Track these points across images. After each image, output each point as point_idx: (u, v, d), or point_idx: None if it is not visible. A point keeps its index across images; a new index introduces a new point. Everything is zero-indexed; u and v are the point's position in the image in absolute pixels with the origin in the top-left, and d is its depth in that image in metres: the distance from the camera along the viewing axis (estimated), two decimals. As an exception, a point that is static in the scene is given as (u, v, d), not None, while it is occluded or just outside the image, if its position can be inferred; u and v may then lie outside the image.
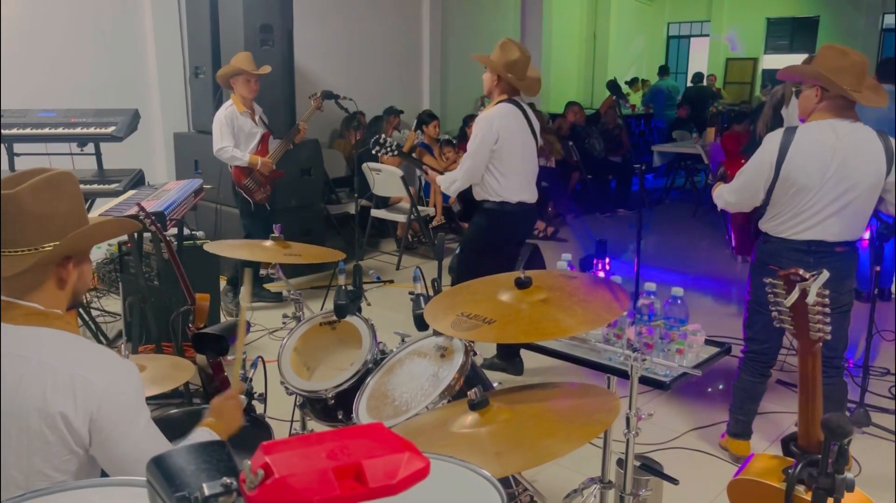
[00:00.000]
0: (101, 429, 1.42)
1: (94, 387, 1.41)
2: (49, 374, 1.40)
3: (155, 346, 3.48)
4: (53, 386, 1.39)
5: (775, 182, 2.80)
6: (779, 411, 3.58)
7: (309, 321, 2.58)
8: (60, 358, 1.42)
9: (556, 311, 1.71)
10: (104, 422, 1.42)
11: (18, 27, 5.20)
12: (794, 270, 1.64)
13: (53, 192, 1.47)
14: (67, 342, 1.47)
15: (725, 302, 5.50)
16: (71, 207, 1.50)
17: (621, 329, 2.18)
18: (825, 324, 1.64)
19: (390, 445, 0.83)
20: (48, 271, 1.48)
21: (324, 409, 2.32)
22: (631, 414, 1.92)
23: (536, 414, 1.59)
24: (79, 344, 1.49)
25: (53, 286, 1.50)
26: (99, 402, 1.41)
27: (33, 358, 1.41)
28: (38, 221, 1.45)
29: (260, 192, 4.92)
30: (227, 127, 4.75)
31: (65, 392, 1.39)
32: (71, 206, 1.50)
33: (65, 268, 1.50)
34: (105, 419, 1.42)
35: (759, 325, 3.00)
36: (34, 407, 1.38)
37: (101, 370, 1.44)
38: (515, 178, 3.70)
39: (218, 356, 2.20)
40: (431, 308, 1.88)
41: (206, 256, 2.91)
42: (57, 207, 1.47)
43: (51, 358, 1.42)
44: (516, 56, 3.60)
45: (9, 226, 1.43)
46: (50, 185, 1.47)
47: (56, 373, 1.40)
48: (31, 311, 1.47)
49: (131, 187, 4.07)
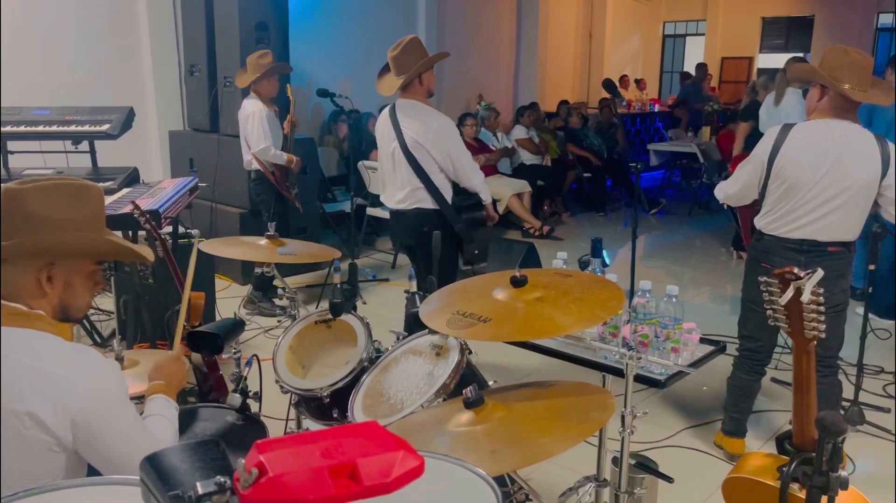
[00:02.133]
0: (86, 429, 1.41)
1: (74, 387, 1.40)
2: (26, 375, 1.39)
3: (150, 345, 3.48)
4: (30, 387, 1.38)
5: (768, 178, 2.82)
6: (773, 409, 3.59)
7: (304, 319, 2.57)
8: (39, 358, 1.41)
9: (552, 310, 1.71)
10: (88, 422, 1.40)
11: (13, 24, 5.18)
12: (789, 269, 1.64)
13: (58, 197, 1.46)
14: (47, 343, 1.46)
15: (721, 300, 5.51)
16: (71, 216, 1.48)
17: (616, 327, 2.18)
18: (820, 323, 1.64)
19: (385, 444, 0.83)
20: (29, 271, 1.47)
21: (319, 408, 2.31)
22: (626, 412, 1.92)
23: (532, 412, 1.59)
24: (58, 344, 1.47)
25: (33, 287, 1.48)
26: (80, 402, 1.40)
27: (11, 358, 1.39)
28: (31, 220, 1.44)
29: (294, 189, 4.96)
30: (267, 125, 4.69)
31: (41, 393, 1.38)
32: (72, 215, 1.48)
33: (45, 272, 1.48)
34: (88, 418, 1.40)
35: (753, 323, 3.01)
36: (12, 408, 1.37)
37: (80, 370, 1.43)
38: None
39: (212, 354, 2.19)
40: (427, 306, 1.88)
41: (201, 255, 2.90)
42: (55, 211, 1.46)
43: (29, 359, 1.40)
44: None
45: (5, 220, 1.43)
46: (58, 190, 1.47)
47: (32, 374, 1.39)
48: (14, 312, 1.46)
49: (126, 185, 4.06)
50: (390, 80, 3.54)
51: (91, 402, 1.41)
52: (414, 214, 3.60)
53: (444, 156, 3.51)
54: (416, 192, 3.56)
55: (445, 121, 3.59)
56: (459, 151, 3.56)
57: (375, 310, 4.84)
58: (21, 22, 5.23)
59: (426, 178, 3.52)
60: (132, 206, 2.83)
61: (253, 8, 5.43)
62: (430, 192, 3.54)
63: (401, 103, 3.59)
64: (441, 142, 3.50)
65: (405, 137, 3.50)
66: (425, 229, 3.47)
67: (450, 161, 3.53)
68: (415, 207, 3.59)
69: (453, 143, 3.55)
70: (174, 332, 2.15)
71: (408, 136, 3.50)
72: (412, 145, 3.49)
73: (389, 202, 3.72)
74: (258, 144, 4.68)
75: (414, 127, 3.50)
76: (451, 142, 3.54)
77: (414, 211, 3.59)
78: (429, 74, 3.56)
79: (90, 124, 4.28)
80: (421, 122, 3.50)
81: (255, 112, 4.69)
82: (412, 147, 3.49)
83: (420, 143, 3.49)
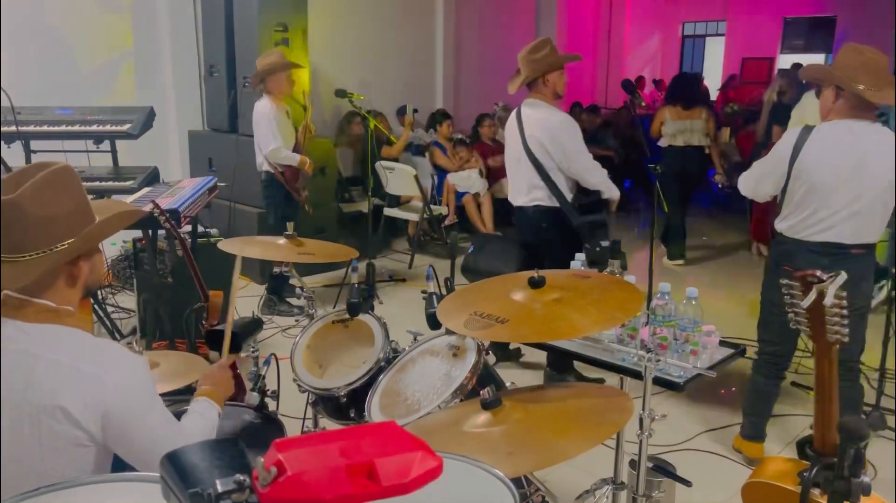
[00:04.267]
0: (115, 423, 1.43)
1: (103, 382, 1.42)
2: (57, 371, 1.41)
3: (168, 343, 3.51)
4: (60, 382, 1.40)
5: (788, 180, 2.79)
6: (793, 414, 3.55)
7: (322, 319, 2.58)
8: (69, 354, 1.43)
9: (570, 311, 1.70)
10: (117, 416, 1.43)
11: (37, 25, 5.25)
12: (812, 272, 1.62)
13: (55, 191, 1.45)
14: (76, 339, 1.48)
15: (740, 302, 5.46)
16: (74, 204, 1.49)
17: (635, 329, 2.17)
18: (842, 327, 1.62)
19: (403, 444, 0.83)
20: (59, 271, 1.48)
21: (336, 407, 2.32)
22: (644, 415, 1.90)
23: (549, 414, 1.59)
24: (87, 340, 1.49)
25: (64, 285, 1.50)
26: (109, 397, 1.42)
27: (43, 355, 1.42)
28: (42, 224, 1.43)
29: (304, 191, 4.94)
30: (276, 125, 4.67)
31: (71, 388, 1.40)
32: (74, 202, 1.49)
33: (76, 266, 1.50)
34: (118, 413, 1.43)
35: (773, 327, 2.97)
36: (44, 403, 1.39)
37: (109, 365, 1.45)
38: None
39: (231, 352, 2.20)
40: (444, 307, 1.88)
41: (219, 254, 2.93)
42: (60, 207, 1.46)
43: (60, 355, 1.43)
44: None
45: (12, 231, 1.41)
46: (50, 185, 1.45)
47: (62, 369, 1.41)
48: (43, 309, 1.48)
49: (146, 184, 4.10)
50: (517, 79, 3.65)
51: (120, 396, 1.43)
52: (534, 211, 3.69)
53: (561, 153, 3.58)
54: (537, 190, 3.66)
55: (565, 118, 3.65)
56: (578, 149, 3.62)
57: (392, 310, 4.85)
58: (43, 22, 5.30)
59: (546, 176, 3.61)
60: (152, 206, 2.85)
61: (272, 9, 5.47)
62: (551, 190, 3.62)
63: (526, 103, 3.68)
64: (558, 139, 3.57)
65: (526, 136, 3.61)
66: (544, 226, 3.65)
67: (567, 158, 3.59)
68: (535, 204, 3.69)
69: (571, 141, 3.60)
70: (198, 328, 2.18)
71: (529, 134, 3.61)
72: (532, 143, 3.60)
73: (513, 198, 3.82)
74: (268, 145, 4.68)
75: (535, 125, 3.60)
76: (568, 140, 3.60)
77: (534, 208, 3.69)
78: (556, 75, 3.62)
79: (111, 124, 4.32)
80: (541, 120, 3.60)
81: (266, 112, 4.69)
82: (532, 145, 3.60)
83: (540, 141, 3.58)
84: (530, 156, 3.60)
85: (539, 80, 3.58)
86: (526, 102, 3.68)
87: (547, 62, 3.55)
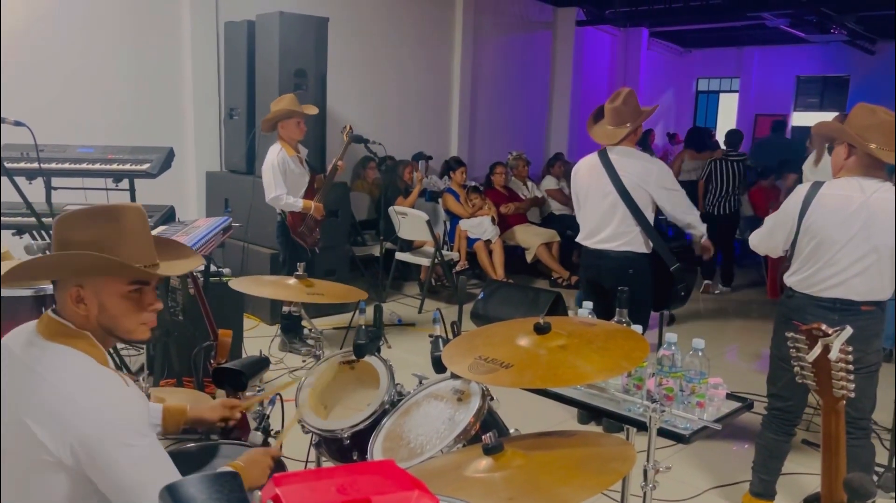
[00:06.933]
0: (87, 452, 1.42)
1: (78, 406, 1.42)
2: (39, 388, 1.43)
3: (176, 381, 3.51)
4: (39, 399, 1.42)
5: (797, 235, 2.80)
6: (804, 472, 3.48)
7: (328, 360, 2.59)
8: (54, 374, 1.45)
9: (575, 358, 1.70)
10: (88, 444, 1.42)
11: (66, 68, 5.41)
12: (817, 325, 1.62)
13: (85, 220, 1.53)
14: (73, 361, 1.49)
15: (750, 357, 5.41)
16: (94, 238, 1.51)
17: (641, 379, 2.16)
18: (849, 382, 1.61)
19: (400, 483, 0.83)
20: (65, 291, 1.54)
21: (339, 449, 2.30)
22: (649, 466, 1.88)
23: (551, 461, 1.58)
24: (83, 365, 1.50)
25: (71, 306, 1.54)
26: (80, 422, 1.41)
27: (38, 372, 1.45)
28: (62, 245, 1.52)
29: (312, 237, 4.97)
30: (280, 173, 4.73)
31: (46, 407, 1.42)
32: (95, 236, 1.51)
33: (74, 293, 1.53)
34: (94, 440, 1.42)
35: (782, 382, 2.94)
36: (20, 418, 1.42)
37: (92, 392, 1.45)
38: None
39: (236, 391, 2.21)
40: (450, 350, 1.88)
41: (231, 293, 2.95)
42: (80, 234, 1.51)
43: (47, 372, 1.45)
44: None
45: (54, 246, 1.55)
46: (88, 214, 1.54)
47: (44, 388, 1.43)
48: (61, 330, 1.52)
49: (162, 223, 4.15)
50: (608, 129, 3.76)
51: (93, 425, 1.42)
52: (621, 256, 3.73)
53: (666, 198, 3.72)
54: (630, 234, 3.72)
55: (661, 164, 3.86)
56: (677, 190, 3.78)
57: (400, 354, 4.84)
58: (70, 62, 5.46)
59: (644, 221, 3.69)
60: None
61: (293, 55, 5.61)
62: (647, 234, 3.71)
63: (615, 150, 3.76)
64: (664, 185, 3.72)
65: (625, 181, 3.68)
66: (630, 271, 3.67)
67: (672, 202, 3.74)
68: (625, 250, 3.72)
69: (671, 183, 3.78)
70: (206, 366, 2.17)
71: (628, 180, 3.68)
72: (632, 188, 3.68)
73: (590, 241, 3.85)
74: (268, 194, 4.76)
75: (635, 171, 3.70)
76: (669, 182, 3.76)
77: (623, 253, 3.73)
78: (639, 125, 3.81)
79: (131, 163, 4.40)
80: (641, 165, 3.72)
81: (272, 160, 4.76)
82: (632, 190, 3.67)
83: (641, 186, 3.68)
84: (628, 202, 3.67)
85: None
86: (615, 150, 3.75)
87: (646, 112, 3.73)
